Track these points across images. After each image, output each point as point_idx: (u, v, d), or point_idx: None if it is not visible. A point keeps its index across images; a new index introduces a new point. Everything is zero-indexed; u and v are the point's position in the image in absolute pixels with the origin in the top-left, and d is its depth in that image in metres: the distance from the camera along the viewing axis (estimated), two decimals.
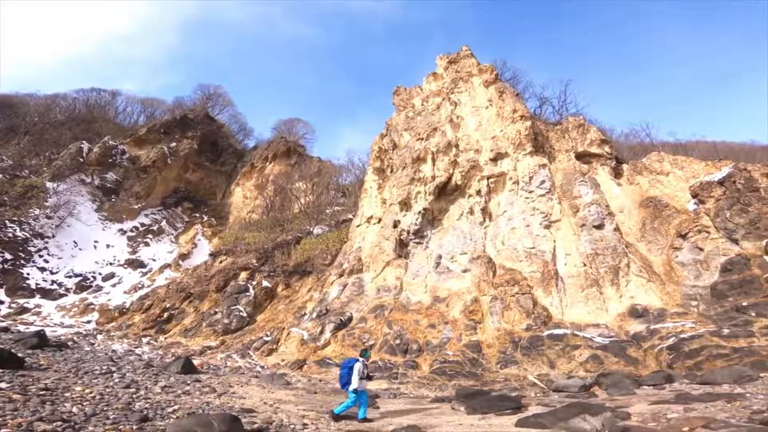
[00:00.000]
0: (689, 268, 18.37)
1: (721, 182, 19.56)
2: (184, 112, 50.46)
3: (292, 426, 8.15)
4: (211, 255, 33.85)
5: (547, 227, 21.69)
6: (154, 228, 41.73)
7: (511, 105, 25.22)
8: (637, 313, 17.47)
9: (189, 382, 12.24)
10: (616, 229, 20.53)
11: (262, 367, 18.55)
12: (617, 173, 24.07)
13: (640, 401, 10.09)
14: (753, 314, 15.46)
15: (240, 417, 7.61)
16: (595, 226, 20.50)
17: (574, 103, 37.00)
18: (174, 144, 46.22)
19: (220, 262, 31.83)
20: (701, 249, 18.36)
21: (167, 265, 35.82)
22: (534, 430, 8.18)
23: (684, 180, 21.61)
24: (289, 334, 21.42)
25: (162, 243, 40.28)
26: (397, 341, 19.23)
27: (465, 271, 22.19)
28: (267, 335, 21.99)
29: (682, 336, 15.24)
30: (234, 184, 48.62)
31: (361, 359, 9.69)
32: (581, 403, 9.18)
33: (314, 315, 22.41)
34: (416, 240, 24.52)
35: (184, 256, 36.84)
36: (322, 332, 20.63)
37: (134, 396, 9.21)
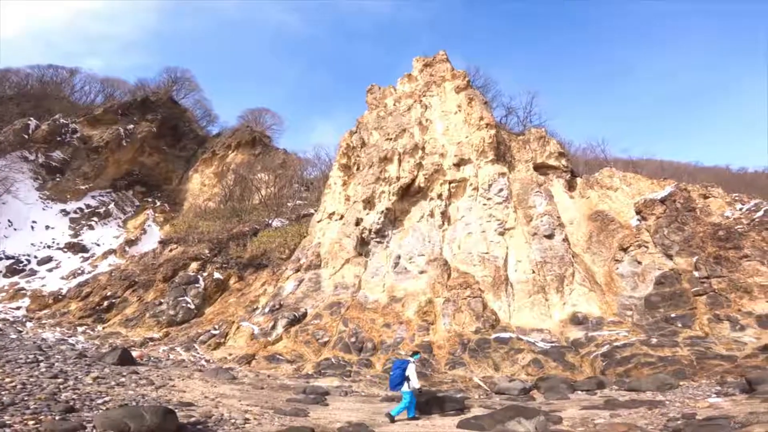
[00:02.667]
0: (628, 279, 19.60)
1: (662, 200, 21.03)
2: (146, 94, 48.38)
3: (232, 420, 7.89)
4: (160, 242, 32.16)
5: (502, 234, 22.41)
6: (101, 210, 39.10)
7: (478, 112, 25.83)
8: (577, 320, 18.40)
9: (125, 373, 11.62)
10: (565, 239, 21.55)
11: (208, 361, 17.86)
12: (571, 186, 25.29)
13: (572, 406, 10.62)
14: (680, 325, 16.71)
15: (176, 410, 7.25)
16: (545, 236, 21.41)
17: (538, 115, 38.69)
18: (131, 126, 43.99)
19: (170, 250, 30.33)
20: (639, 262, 19.65)
21: (112, 251, 33.68)
22: (474, 431, 8.41)
23: (630, 196, 23.05)
24: (238, 328, 20.77)
25: (108, 227, 37.82)
26: (353, 339, 19.15)
27: (422, 272, 22.47)
28: (215, 329, 21.20)
29: (615, 344, 16.18)
30: (192, 170, 46.87)
31: (412, 360, 9.87)
32: (517, 407, 9.59)
33: (267, 310, 21.87)
34: (377, 239, 24.54)
35: (131, 243, 34.79)
36: (274, 327, 20.16)
37: (61, 386, 8.60)
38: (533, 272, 20.56)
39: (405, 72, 31.40)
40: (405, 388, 9.58)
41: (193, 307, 24.19)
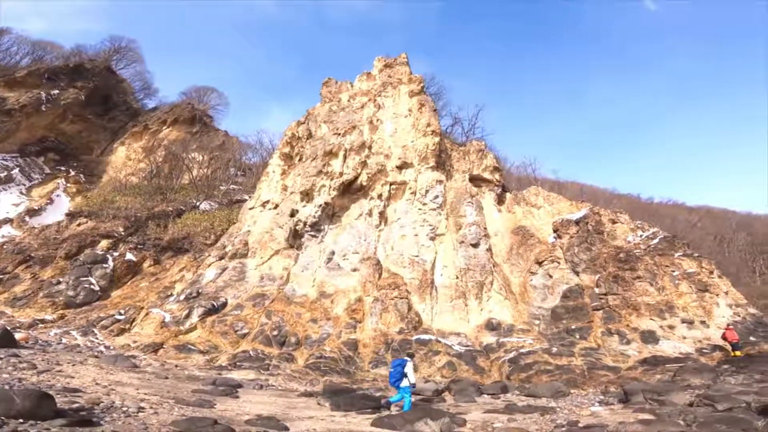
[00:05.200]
0: (539, 291, 21.27)
1: (577, 222, 23.16)
2: (82, 60, 44.72)
3: (124, 408, 7.22)
4: (68, 215, 28.73)
5: (432, 239, 23.17)
6: (1, 175, 34.06)
7: (426, 119, 26.43)
8: (492, 326, 19.56)
9: (2, 356, 10.22)
10: (489, 249, 22.84)
11: (107, 347, 16.30)
12: (500, 200, 26.87)
13: (477, 409, 11.22)
14: (578, 336, 18.41)
15: (58, 395, 6.43)
16: (471, 244, 22.51)
17: (481, 128, 40.64)
18: (56, 91, 40.01)
19: (79, 224, 27.24)
20: (551, 276, 21.42)
21: (8, 220, 29.54)
22: (385, 430, 8.61)
23: (551, 215, 25.07)
24: (148, 314, 19.20)
25: (8, 193, 33.03)
26: (275, 332, 18.58)
27: (354, 270, 22.47)
28: (120, 313, 19.39)
29: (521, 351, 17.42)
30: (119, 142, 43.75)
31: (409, 359, 10.66)
32: (426, 408, 10.00)
33: (182, 297, 20.49)
34: (312, 233, 24.07)
35: (33, 212, 30.76)
36: (188, 316, 18.92)
37: None
38: (457, 278, 21.49)
39: (366, 70, 31.34)
40: (404, 383, 10.33)
41: (97, 289, 21.90)
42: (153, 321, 18.78)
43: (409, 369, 10.37)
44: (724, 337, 16.27)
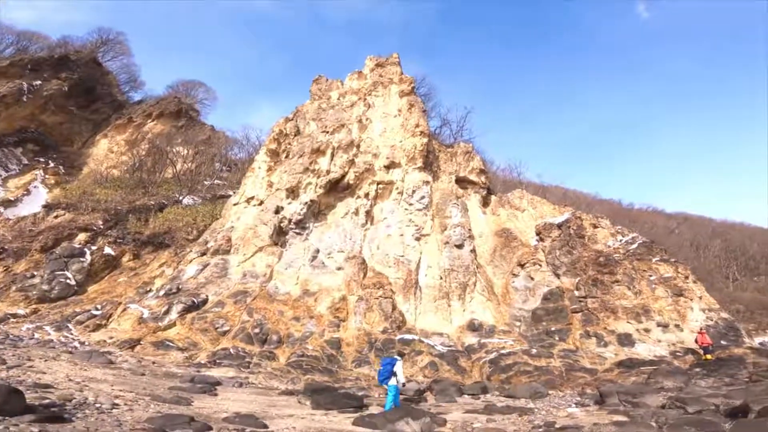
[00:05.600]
0: (521, 293, 21.55)
1: (559, 225, 23.55)
2: (67, 52, 43.95)
3: (97, 405, 7.05)
4: (45, 207, 27.89)
5: (418, 239, 23.26)
6: None
7: (416, 119, 26.50)
8: (474, 327, 19.75)
9: None
10: (473, 250, 23.04)
11: (82, 343, 15.90)
12: (485, 202, 27.13)
13: (458, 409, 11.32)
14: (557, 338, 18.72)
15: (27, 391, 6.24)
16: (456, 245, 22.68)
17: (469, 130, 40.88)
18: (39, 82, 39.11)
19: (56, 216, 26.48)
20: (533, 278, 21.73)
21: None
22: (366, 429, 8.61)
23: (534, 218, 25.43)
24: (125, 310, 18.79)
25: None
26: (256, 330, 18.40)
27: (339, 268, 22.40)
28: (97, 309, 18.95)
29: (502, 352, 17.64)
30: (101, 134, 43.00)
31: (399, 358, 10.74)
32: (407, 408, 10.02)
33: (162, 293, 20.13)
34: (297, 230, 23.90)
35: (8, 203, 29.80)
36: (167, 312, 18.58)
37: None
38: (441, 278, 21.62)
39: (358, 69, 31.20)
40: (392, 382, 10.35)
41: (73, 283, 21.32)
42: (131, 317, 18.37)
43: (398, 368, 10.45)
44: (696, 341, 16.77)
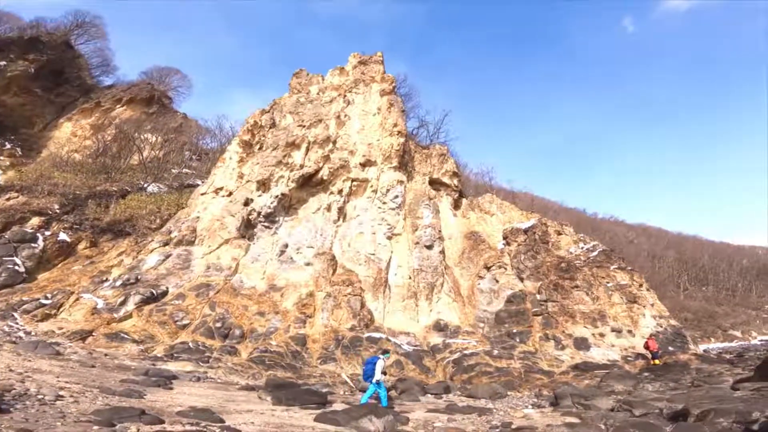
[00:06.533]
0: (486, 295, 22.04)
1: (525, 231, 24.24)
2: (39, 33, 42.14)
3: (40, 396, 6.65)
4: None
5: (389, 238, 23.35)
6: None
7: (394, 119, 26.52)
8: (439, 327, 20.03)
9: None
10: (442, 252, 23.37)
11: (28, 333, 14.96)
12: (456, 205, 27.55)
13: (420, 408, 11.45)
14: (518, 340, 19.27)
15: None
16: (426, 246, 22.94)
17: (446, 133, 41.42)
18: (3, 63, 37.50)
19: (8, 199, 24.77)
20: (497, 281, 22.27)
21: None
22: (329, 425, 8.52)
23: (502, 223, 26.06)
24: (78, 299, 17.83)
25: None
26: (218, 324, 17.92)
27: (308, 264, 22.16)
28: (47, 297, 17.87)
29: (465, 352, 17.97)
30: (65, 118, 41.13)
31: (382, 357, 11.09)
32: (371, 405, 9.98)
33: (119, 283, 19.23)
34: (266, 223, 23.45)
35: None
36: (124, 303, 17.78)
37: None
38: (410, 278, 21.81)
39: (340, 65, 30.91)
40: (374, 379, 10.79)
41: (22, 270, 20.03)
42: (83, 307, 17.44)
43: (378, 366, 10.81)
44: (646, 346, 17.66)
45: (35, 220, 22.82)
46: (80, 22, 48.54)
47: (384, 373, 11.28)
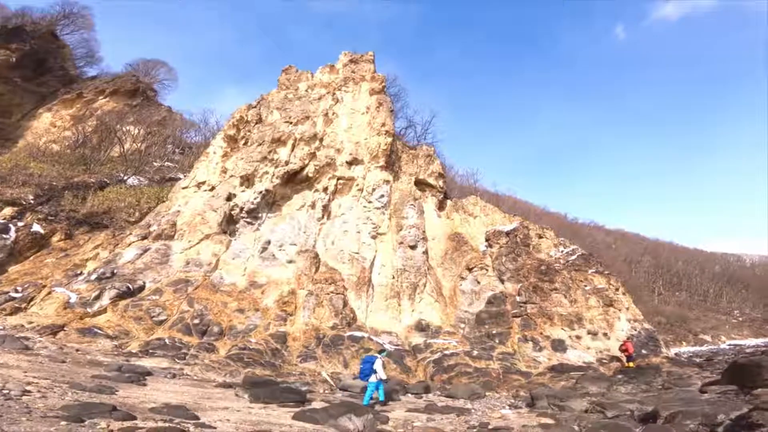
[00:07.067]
0: (467, 296, 22.24)
1: (507, 233, 24.54)
2: (24, 23, 41.73)
3: (5, 391, 6.44)
4: None
5: (374, 237, 23.33)
6: None
7: (382, 118, 26.46)
8: (421, 327, 20.12)
9: None
10: (425, 252, 23.47)
11: None
12: (441, 206, 27.72)
13: (401, 407, 11.51)
14: (497, 341, 19.50)
15: None
16: (410, 246, 23.02)
17: (433, 134, 41.72)
18: None
19: None
20: (479, 282, 22.50)
21: None
22: (307, 423, 8.47)
23: (485, 225, 26.33)
24: (50, 293, 17.29)
25: None
26: (196, 321, 17.61)
27: (290, 261, 21.96)
28: (17, 291, 17.28)
29: (445, 352, 18.11)
30: (45, 108, 40.36)
31: (380, 356, 11.34)
32: (351, 404, 10.00)
33: (93, 276, 18.72)
34: (248, 219, 23.15)
35: None
36: (98, 297, 17.32)
37: None
38: (393, 278, 21.84)
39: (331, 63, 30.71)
40: (372, 379, 10.97)
41: None
42: (55, 301, 16.90)
43: (378, 365, 11.01)
44: (624, 348, 18.01)
45: (7, 211, 22.04)
46: (67, 12, 48.18)
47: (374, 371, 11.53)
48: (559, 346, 19.02)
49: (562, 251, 24.27)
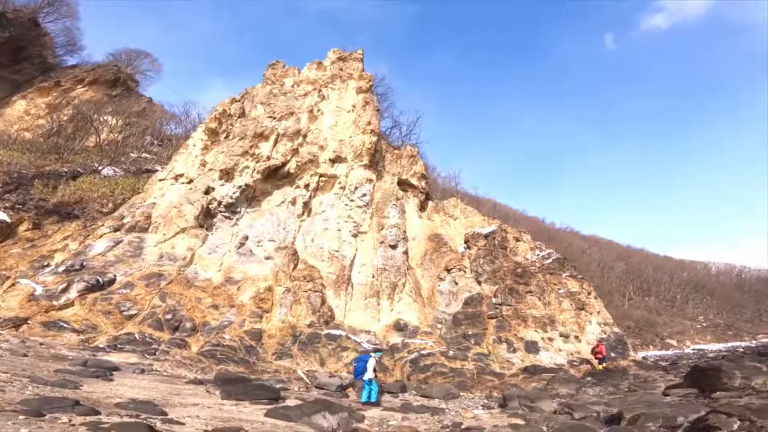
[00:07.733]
0: (445, 296, 22.48)
1: (486, 236, 24.89)
2: (6, 10, 40.74)
3: None
4: None
5: (355, 236, 23.29)
6: None
7: (368, 117, 26.41)
8: (399, 327, 20.21)
9: None
10: (406, 252, 23.58)
11: None
12: (422, 207, 27.90)
13: (376, 406, 11.46)
14: (473, 342, 19.77)
15: None
16: (390, 246, 23.08)
17: (417, 135, 42.00)
18: None
19: None
20: (457, 283, 22.76)
21: None
22: (280, 421, 8.29)
23: (464, 227, 26.64)
24: (14, 284, 16.58)
25: None
26: (168, 316, 17.20)
27: (268, 258, 21.71)
28: None
29: (422, 352, 18.24)
30: (19, 95, 39.29)
31: (374, 355, 11.68)
32: (325, 402, 9.83)
33: (62, 268, 18.03)
34: (226, 213, 22.76)
35: None
36: (66, 290, 16.67)
37: None
38: (373, 277, 21.86)
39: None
40: (366, 377, 11.28)
41: None
42: (20, 293, 16.20)
43: (370, 364, 11.25)
44: (597, 350, 18.47)
45: None
46: (51, 1, 47.03)
47: (374, 370, 11.64)
48: (532, 347, 19.42)
49: (538, 255, 24.79)
